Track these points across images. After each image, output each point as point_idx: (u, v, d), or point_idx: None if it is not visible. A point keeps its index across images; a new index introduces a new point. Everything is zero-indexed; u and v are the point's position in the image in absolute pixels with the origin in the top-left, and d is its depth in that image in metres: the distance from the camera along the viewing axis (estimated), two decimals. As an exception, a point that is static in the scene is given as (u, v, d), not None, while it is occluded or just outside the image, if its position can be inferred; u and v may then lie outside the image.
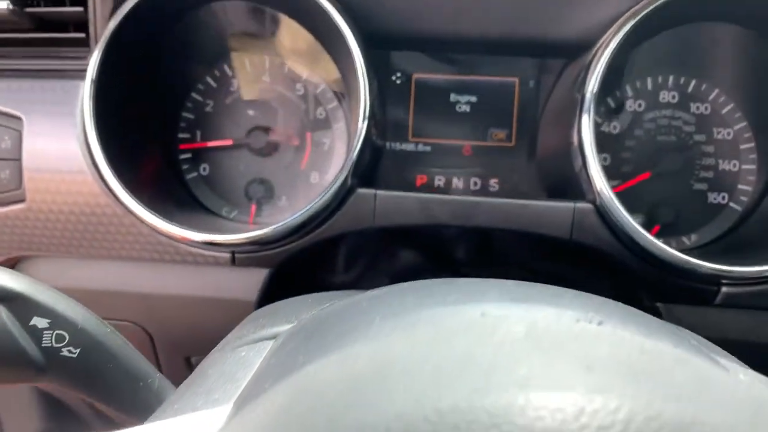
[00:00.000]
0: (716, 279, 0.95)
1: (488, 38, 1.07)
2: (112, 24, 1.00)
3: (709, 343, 0.60)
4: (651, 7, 0.95)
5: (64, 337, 0.60)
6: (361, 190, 1.01)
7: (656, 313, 1.01)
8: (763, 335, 0.99)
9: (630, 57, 1.17)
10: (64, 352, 0.60)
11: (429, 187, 1.27)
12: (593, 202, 0.96)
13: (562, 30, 1.05)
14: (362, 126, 1.00)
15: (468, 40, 1.10)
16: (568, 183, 1.04)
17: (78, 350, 0.61)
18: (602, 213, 0.95)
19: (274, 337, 0.60)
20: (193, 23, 1.15)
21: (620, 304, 0.56)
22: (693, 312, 0.99)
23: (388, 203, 1.00)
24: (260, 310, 0.73)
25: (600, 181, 0.94)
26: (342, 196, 1.00)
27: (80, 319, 0.61)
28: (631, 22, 0.96)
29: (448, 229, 1.09)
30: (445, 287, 0.51)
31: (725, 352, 0.57)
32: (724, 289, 0.96)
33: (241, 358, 0.57)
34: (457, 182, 1.27)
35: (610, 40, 0.97)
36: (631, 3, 1.00)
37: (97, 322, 0.63)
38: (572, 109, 0.99)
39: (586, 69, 0.99)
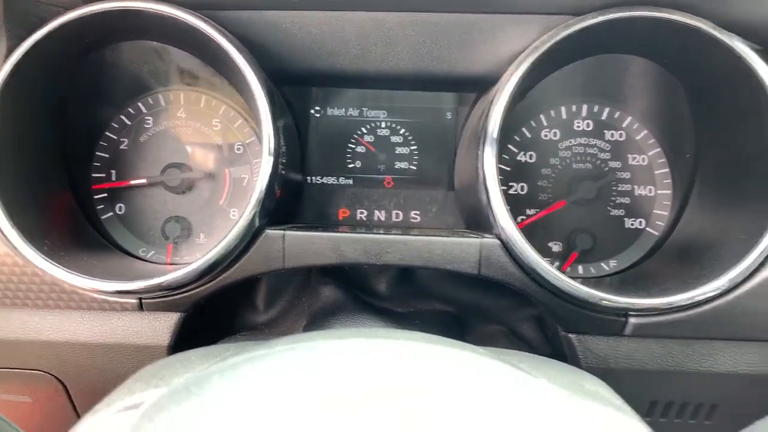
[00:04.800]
0: (623, 311, 0.95)
1: (395, 74, 1.07)
2: (7, 67, 0.97)
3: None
4: (550, 43, 0.96)
5: None
6: (270, 231, 0.99)
7: (570, 343, 1.01)
8: (676, 364, 0.99)
9: (543, 87, 1.17)
10: None
11: (352, 221, 1.26)
12: (499, 237, 0.96)
13: (467, 66, 1.05)
14: (267, 162, 0.98)
15: (382, 76, 1.09)
16: (480, 215, 1.04)
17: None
18: (508, 248, 0.95)
19: (137, 405, 0.59)
20: (100, 63, 1.12)
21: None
22: (605, 342, 0.99)
23: (297, 243, 0.99)
24: (142, 370, 0.70)
25: (503, 217, 0.94)
26: (249, 238, 0.98)
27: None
28: (532, 58, 0.97)
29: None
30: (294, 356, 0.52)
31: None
32: (632, 320, 0.96)
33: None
34: (379, 215, 1.26)
35: (512, 75, 0.97)
36: (531, 39, 1.00)
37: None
38: (479, 142, 0.99)
39: (490, 103, 0.99)
